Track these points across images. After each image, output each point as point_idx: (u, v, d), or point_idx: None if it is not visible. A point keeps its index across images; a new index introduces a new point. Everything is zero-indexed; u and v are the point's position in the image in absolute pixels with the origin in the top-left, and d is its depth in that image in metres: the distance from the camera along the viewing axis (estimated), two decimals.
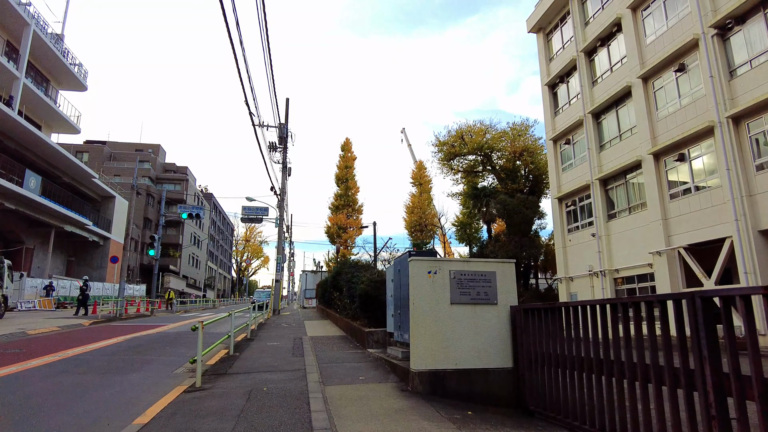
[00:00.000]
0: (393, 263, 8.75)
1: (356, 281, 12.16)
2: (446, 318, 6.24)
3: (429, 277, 6.30)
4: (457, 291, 6.35)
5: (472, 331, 6.29)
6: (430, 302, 6.24)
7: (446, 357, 6.13)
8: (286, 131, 23.85)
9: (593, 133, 23.45)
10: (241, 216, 25.84)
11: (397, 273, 8.36)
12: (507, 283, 6.57)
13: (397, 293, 8.28)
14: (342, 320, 14.41)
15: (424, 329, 6.15)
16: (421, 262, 6.37)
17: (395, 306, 8.41)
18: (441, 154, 31.43)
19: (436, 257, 7.55)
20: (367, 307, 10.76)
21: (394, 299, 8.53)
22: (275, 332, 14.33)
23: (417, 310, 6.19)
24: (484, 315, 6.37)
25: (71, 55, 30.91)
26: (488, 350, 6.28)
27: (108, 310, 22.22)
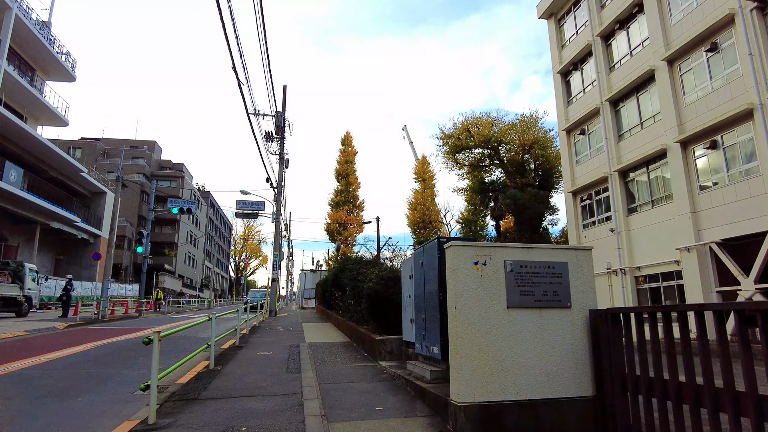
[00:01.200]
0: (414, 254, 6.82)
1: (362, 279, 10.23)
2: (502, 328, 4.32)
3: (476, 270, 4.37)
4: (517, 289, 4.43)
5: (538, 346, 4.37)
6: (479, 306, 4.32)
7: (502, 384, 4.21)
8: (283, 120, 21.91)
9: (611, 122, 21.60)
10: (235, 210, 23.84)
11: (419, 267, 6.44)
12: (583, 279, 4.65)
13: (420, 293, 6.36)
14: (345, 324, 12.48)
15: (471, 344, 4.23)
16: (465, 249, 4.44)
17: (417, 309, 6.49)
18: (446, 147, 29.54)
19: (484, 242, 5.54)
20: (376, 310, 8.84)
21: (416, 300, 6.60)
22: (269, 337, 12.38)
23: (460, 316, 4.26)
24: (553, 323, 4.45)
25: (58, 43, 28.91)
26: (560, 372, 4.37)
27: (92, 312, 20.21)
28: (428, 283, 5.99)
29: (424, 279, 6.18)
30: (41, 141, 26.27)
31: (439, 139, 29.60)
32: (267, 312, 20.48)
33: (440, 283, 5.58)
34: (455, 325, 4.27)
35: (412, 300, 7.05)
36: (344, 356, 8.76)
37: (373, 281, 8.90)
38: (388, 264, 12.04)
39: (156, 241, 50.95)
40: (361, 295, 10.31)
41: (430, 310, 5.84)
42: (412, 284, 7.15)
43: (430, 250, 5.98)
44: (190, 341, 11.82)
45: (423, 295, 6.21)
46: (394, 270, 9.36)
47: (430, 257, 5.94)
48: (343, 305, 14.57)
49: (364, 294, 9.42)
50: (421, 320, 6.23)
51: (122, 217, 42.38)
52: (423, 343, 6.12)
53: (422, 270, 6.28)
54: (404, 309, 7.65)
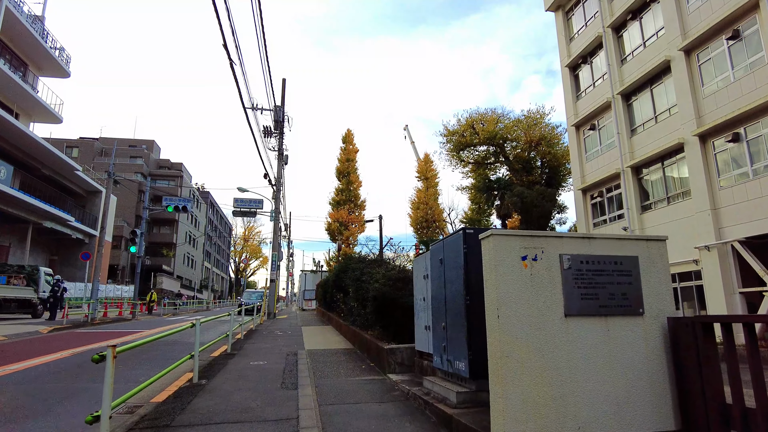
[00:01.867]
0: (430, 250, 5.76)
1: (367, 280, 9.17)
2: (558, 342, 3.27)
3: (524, 266, 3.31)
4: (576, 292, 3.37)
5: (604, 366, 3.31)
6: (529, 313, 3.26)
7: (560, 416, 3.16)
8: (282, 114, 20.84)
9: (623, 117, 20.57)
10: (233, 208, 22.78)
11: (437, 265, 5.39)
12: (657, 278, 3.60)
13: (439, 295, 5.30)
14: (348, 328, 11.41)
15: (520, 364, 3.17)
16: (509, 239, 3.38)
17: (435, 315, 5.43)
18: (450, 144, 28.48)
19: (532, 231, 4.42)
20: (383, 314, 7.78)
21: (433, 305, 5.55)
22: (265, 343, 11.31)
23: (505, 328, 3.21)
24: (622, 335, 3.40)
25: (51, 37, 27.87)
26: (632, 399, 3.31)
27: (83, 314, 19.12)
28: (450, 284, 4.93)
29: (444, 279, 5.12)
30: (33, 137, 25.21)
31: (442, 136, 28.55)
32: (265, 314, 19.40)
33: (466, 284, 4.53)
34: (499, 339, 3.20)
35: (428, 304, 6.00)
36: (347, 367, 7.69)
37: (380, 282, 7.84)
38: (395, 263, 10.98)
39: (154, 241, 49.92)
40: (365, 298, 9.25)
41: (454, 317, 4.78)
42: (427, 285, 6.09)
43: (453, 245, 4.93)
44: (180, 347, 10.77)
45: (443, 298, 5.15)
46: (403, 269, 8.29)
47: (453, 253, 4.88)
48: (345, 308, 13.51)
49: (369, 296, 8.36)
50: (440, 328, 5.17)
51: (120, 217, 41.36)
52: (444, 356, 5.05)
53: (441, 269, 5.22)
54: (417, 314, 6.59)
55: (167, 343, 11.48)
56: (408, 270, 8.07)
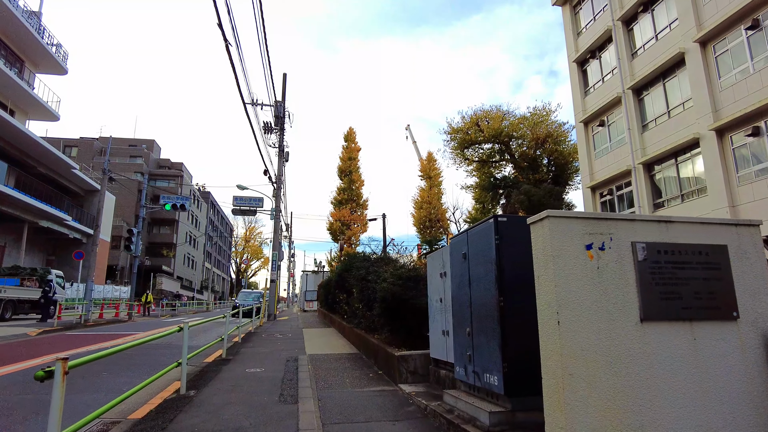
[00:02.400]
0: (451, 244, 4.98)
1: (373, 279, 8.40)
2: (634, 354, 2.51)
3: (589, 258, 2.54)
4: (655, 290, 2.61)
5: (693, 386, 2.55)
6: (598, 318, 2.50)
7: None
8: (282, 110, 20.09)
9: (634, 112, 19.82)
10: (233, 207, 22.00)
11: (460, 261, 4.62)
12: (753, 273, 2.83)
13: (462, 296, 4.54)
14: (352, 331, 10.63)
15: (588, 384, 2.41)
16: (570, 223, 2.63)
17: (458, 318, 4.66)
18: (454, 142, 27.69)
19: (597, 213, 3.55)
20: (393, 317, 7.00)
21: (455, 306, 4.78)
22: (264, 347, 10.53)
23: (567, 337, 2.44)
24: (712, 345, 2.64)
25: (48, 33, 27.18)
26: (729, 430, 2.53)
27: (78, 315, 18.36)
28: (477, 282, 4.16)
29: (468, 277, 4.35)
30: (29, 135, 24.50)
31: (446, 133, 27.74)
32: (264, 316, 18.62)
33: (500, 282, 3.77)
34: (560, 351, 2.44)
35: (445, 305, 5.23)
36: (353, 375, 6.91)
37: (389, 281, 7.07)
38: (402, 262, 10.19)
39: (154, 241, 49.16)
40: (371, 299, 8.48)
41: (482, 321, 4.01)
42: (444, 285, 5.33)
43: (480, 236, 4.16)
44: (173, 351, 10.00)
45: (466, 299, 4.38)
46: (415, 268, 7.52)
47: (481, 246, 4.11)
48: (349, 309, 12.73)
49: (376, 297, 7.59)
50: (464, 334, 4.40)
51: (119, 217, 40.65)
52: (469, 367, 4.28)
53: (465, 265, 4.45)
54: (432, 317, 5.82)
55: (160, 347, 10.72)
56: (419, 268, 7.31)
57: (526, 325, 3.70)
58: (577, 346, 2.42)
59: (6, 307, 17.87)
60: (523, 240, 3.89)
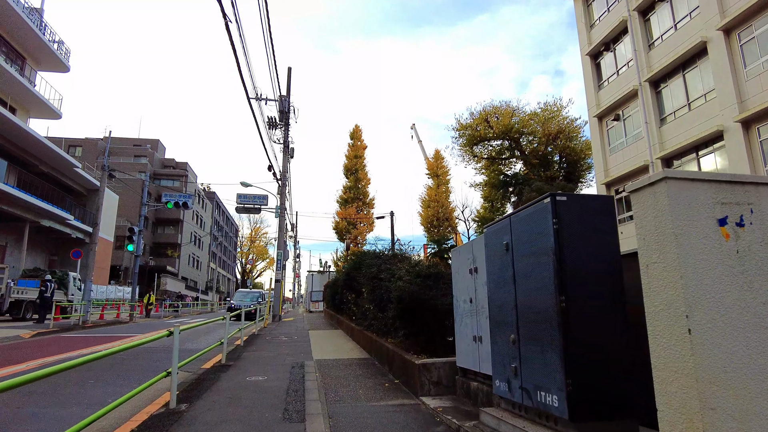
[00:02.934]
0: (486, 234, 4.18)
1: (386, 277, 7.62)
2: None
3: (725, 237, 1.75)
4: None
5: None
6: (741, 323, 1.70)
7: None
8: (287, 104, 19.36)
9: (651, 105, 18.98)
10: (236, 205, 21.24)
11: (500, 253, 3.84)
12: None
13: (502, 294, 3.75)
14: (361, 334, 9.85)
15: (738, 420, 1.60)
16: (695, 187, 1.83)
17: (497, 322, 3.87)
18: (463, 139, 26.89)
19: (726, 174, 2.70)
20: (410, 319, 6.21)
21: (492, 308, 3.99)
22: (267, 351, 9.76)
23: (704, 352, 1.64)
24: None
25: (50, 30, 26.61)
26: None
27: (77, 316, 17.66)
28: (525, 279, 3.38)
29: (513, 272, 3.56)
30: (30, 133, 23.91)
31: (455, 130, 26.94)
32: (267, 317, 17.84)
33: (560, 278, 2.99)
34: (692, 373, 1.66)
35: (478, 307, 4.44)
36: (367, 385, 6.12)
37: (405, 280, 6.28)
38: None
39: (159, 242, 48.58)
40: (384, 299, 7.70)
41: (535, 326, 3.22)
42: (475, 282, 4.54)
43: (532, 221, 3.37)
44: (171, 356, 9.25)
45: (510, 299, 3.59)
46: (434, 264, 6.72)
47: (532, 233, 3.32)
48: (358, 310, 11.96)
49: (390, 297, 6.80)
50: (506, 342, 3.61)
51: (123, 217, 40.13)
52: (514, 382, 3.48)
53: (508, 258, 3.66)
54: (459, 320, 5.03)
55: (157, 350, 9.99)
56: (438, 265, 6.52)
57: (597, 332, 2.92)
58: (720, 366, 1.65)
59: (27, 307, 18.30)
60: (589, 224, 3.11)
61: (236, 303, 23.57)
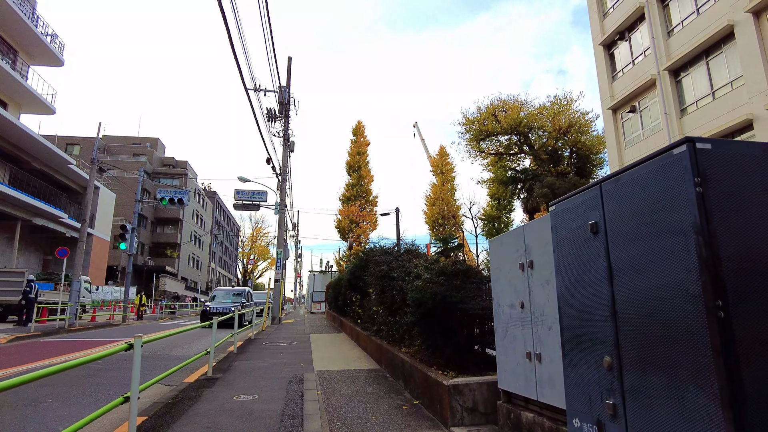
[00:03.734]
0: (555, 212, 3.00)
1: (400, 276, 6.45)
2: None
3: None
4: None
5: None
6: None
7: None
8: (287, 95, 18.19)
9: (671, 95, 17.80)
10: (234, 201, 20.01)
11: (582, 238, 2.68)
12: None
13: (590, 297, 2.60)
14: (369, 340, 8.67)
15: None
16: None
17: (582, 335, 2.71)
18: (469, 134, 25.72)
19: None
20: (433, 326, 5.03)
21: (571, 315, 2.83)
22: (262, 360, 8.58)
23: None
24: None
25: (43, 22, 25.52)
26: None
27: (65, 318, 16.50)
28: (634, 274, 2.23)
29: (609, 264, 2.41)
30: (21, 128, 22.79)
31: (461, 125, 25.76)
32: (266, 319, 16.62)
33: (711, 267, 1.81)
34: None
35: (535, 313, 3.28)
36: (381, 408, 4.95)
37: (425, 279, 5.11)
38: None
39: (158, 241, 47.42)
40: (397, 301, 6.53)
41: (658, 347, 2.07)
42: (531, 281, 3.38)
43: (650, 183, 2.19)
44: (156, 363, 8.10)
45: (604, 302, 2.43)
46: (462, 260, 5.54)
47: (653, 201, 2.15)
48: (363, 312, 10.79)
49: (406, 299, 5.63)
50: (594, 365, 2.46)
51: (121, 216, 39.03)
52: (611, 426, 2.31)
53: (597, 244, 2.50)
54: (502, 330, 3.86)
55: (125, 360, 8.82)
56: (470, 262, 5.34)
57: None
58: None
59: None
60: (752, 183, 1.94)
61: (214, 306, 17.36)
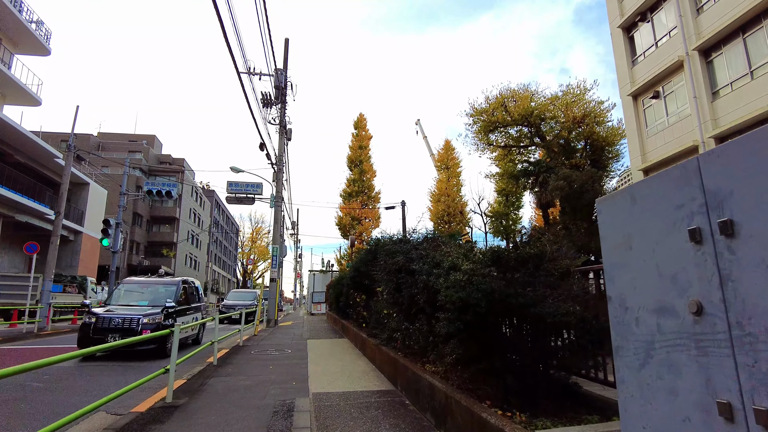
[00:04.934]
0: None
1: (424, 270, 4.71)
2: None
3: None
4: None
5: None
6: None
7: None
8: (284, 79, 16.46)
9: (701, 77, 16.13)
10: (227, 195, 18.18)
11: None
12: None
13: None
14: (378, 350, 6.95)
15: None
16: None
17: None
18: (477, 126, 24.03)
19: None
20: (487, 339, 3.30)
21: None
22: (246, 375, 6.85)
23: None
24: None
25: (27, 8, 23.84)
26: None
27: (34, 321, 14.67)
28: None
29: None
30: (3, 119, 21.08)
31: (468, 116, 24.04)
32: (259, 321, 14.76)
33: None
34: None
35: (740, 327, 1.55)
36: None
37: (466, 271, 3.38)
38: None
39: (154, 240, 45.70)
40: (420, 302, 4.80)
41: None
42: (729, 260, 1.64)
43: None
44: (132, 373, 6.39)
45: None
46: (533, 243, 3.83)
47: None
48: (369, 315, 9.09)
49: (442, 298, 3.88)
50: None
51: (114, 214, 37.19)
52: None
53: None
54: (635, 357, 2.17)
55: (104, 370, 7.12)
56: (544, 242, 3.61)
57: None
58: None
59: None
60: None
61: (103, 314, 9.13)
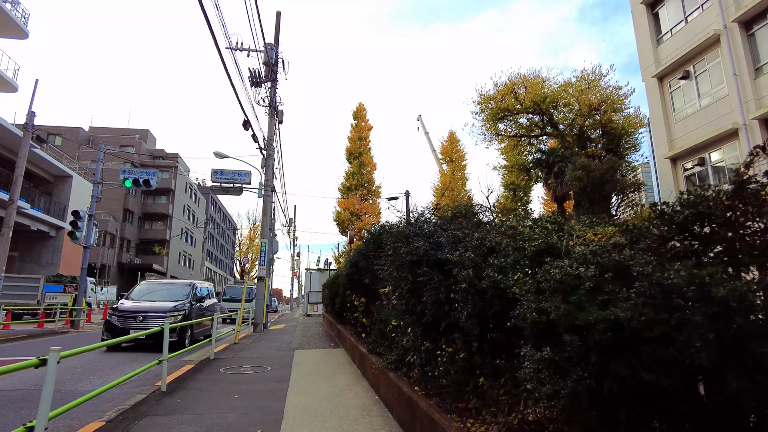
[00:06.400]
0: None
1: (469, 261, 2.68)
2: None
3: None
4: None
5: None
6: None
7: None
8: (275, 55, 14.41)
9: (742, 53, 14.13)
10: (211, 184, 16.03)
11: None
12: None
13: None
14: (384, 376, 4.94)
15: None
16: None
17: None
18: (485, 114, 22.02)
19: None
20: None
21: None
22: (194, 415, 4.82)
23: None
24: None
25: None
26: None
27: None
28: None
29: None
30: None
31: (476, 104, 22.05)
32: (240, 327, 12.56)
33: None
34: None
35: None
36: None
37: (600, 248, 1.47)
38: None
39: (145, 238, 43.64)
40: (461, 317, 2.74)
41: None
42: None
43: None
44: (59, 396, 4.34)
45: None
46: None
47: None
48: (370, 323, 7.07)
49: (517, 314, 1.83)
50: None
51: (104, 211, 35.18)
52: None
53: None
54: None
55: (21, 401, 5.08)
56: None
57: None
58: None
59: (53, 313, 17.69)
60: None
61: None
